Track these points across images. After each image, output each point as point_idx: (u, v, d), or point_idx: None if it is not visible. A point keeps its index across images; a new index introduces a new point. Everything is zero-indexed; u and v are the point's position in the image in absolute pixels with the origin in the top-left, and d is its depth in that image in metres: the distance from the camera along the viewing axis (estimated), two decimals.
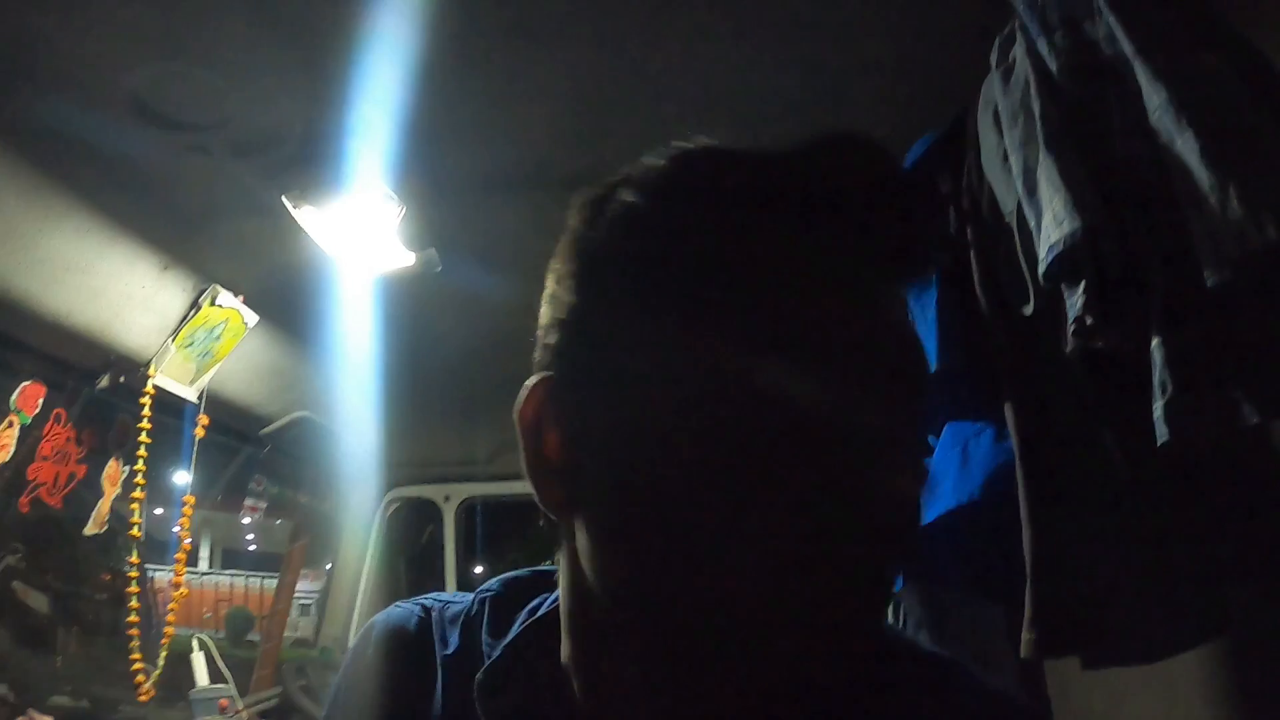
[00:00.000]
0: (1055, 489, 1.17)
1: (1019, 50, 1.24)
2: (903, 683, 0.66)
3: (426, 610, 0.79)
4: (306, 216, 1.97)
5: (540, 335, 0.67)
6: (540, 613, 0.73)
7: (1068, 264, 1.07)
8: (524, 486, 0.64)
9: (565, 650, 0.68)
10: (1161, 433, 1.00)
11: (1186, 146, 1.00)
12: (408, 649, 0.77)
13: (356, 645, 0.81)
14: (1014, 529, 1.19)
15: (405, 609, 0.80)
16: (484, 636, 0.73)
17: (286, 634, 3.82)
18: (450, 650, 0.75)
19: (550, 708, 0.67)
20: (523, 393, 0.65)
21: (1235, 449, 1.10)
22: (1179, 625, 1.15)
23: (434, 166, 1.93)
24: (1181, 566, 1.11)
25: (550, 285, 0.66)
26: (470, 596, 0.79)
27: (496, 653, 0.70)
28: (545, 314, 0.67)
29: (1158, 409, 1.01)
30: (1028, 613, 1.15)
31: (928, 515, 1.32)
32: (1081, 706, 1.71)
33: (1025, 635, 1.15)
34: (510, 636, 0.71)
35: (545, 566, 0.78)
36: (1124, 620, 1.14)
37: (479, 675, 0.68)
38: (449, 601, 0.80)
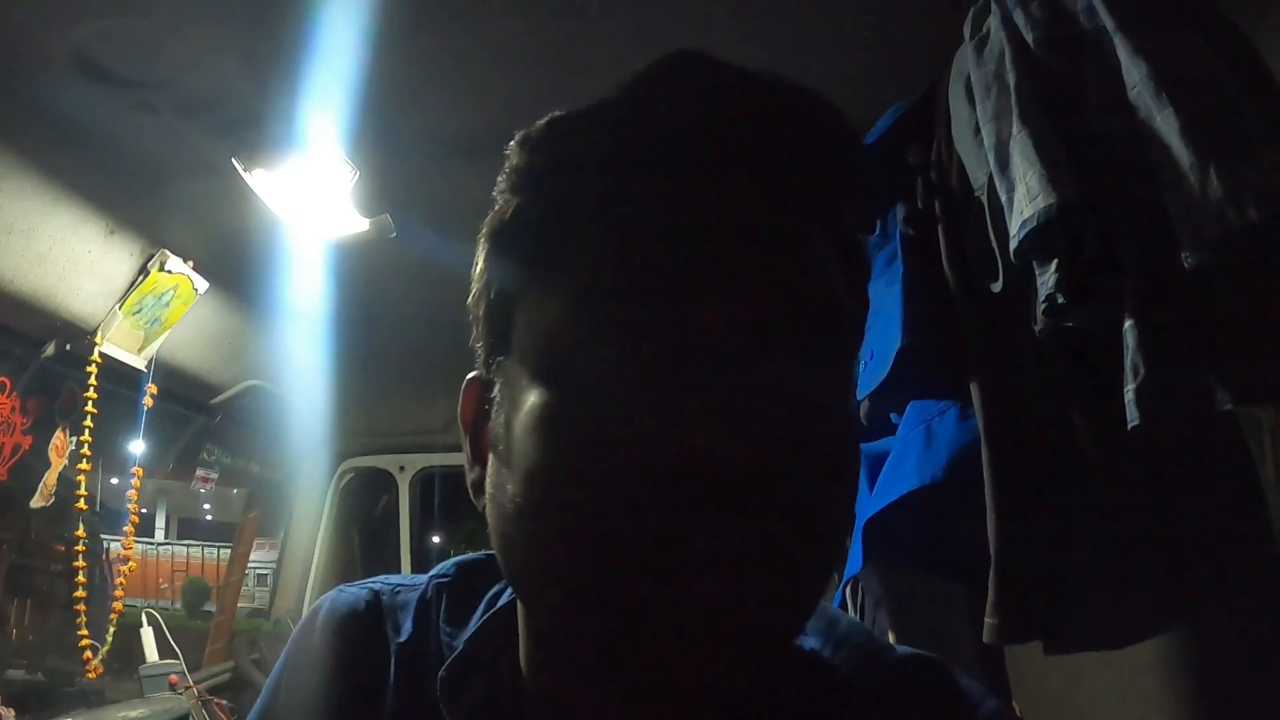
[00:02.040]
0: (1021, 471, 1.14)
1: (994, 21, 1.21)
2: (869, 692, 0.63)
3: (376, 594, 0.75)
4: (258, 180, 1.91)
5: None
6: (500, 603, 0.70)
7: (1040, 241, 1.04)
8: None
9: (521, 644, 0.65)
10: (1132, 416, 0.98)
11: (1166, 123, 0.97)
12: (358, 634, 0.73)
13: (301, 628, 0.76)
14: (978, 511, 1.17)
15: (353, 592, 0.76)
16: (442, 625, 0.70)
17: (244, 604, 3.79)
18: (404, 638, 0.71)
19: (514, 703, 0.63)
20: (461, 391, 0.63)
21: (1204, 435, 1.08)
22: (1142, 612, 1.14)
23: (389, 129, 1.88)
24: (1145, 553, 1.10)
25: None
26: (421, 580, 0.76)
27: (459, 646, 0.66)
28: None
29: (1129, 392, 0.98)
30: (990, 597, 1.14)
31: (890, 494, 1.30)
32: (1038, 687, 1.71)
33: (988, 620, 1.13)
34: (471, 629, 0.68)
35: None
36: (1087, 606, 1.13)
37: (442, 672, 0.64)
38: (399, 585, 0.76)
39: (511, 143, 0.59)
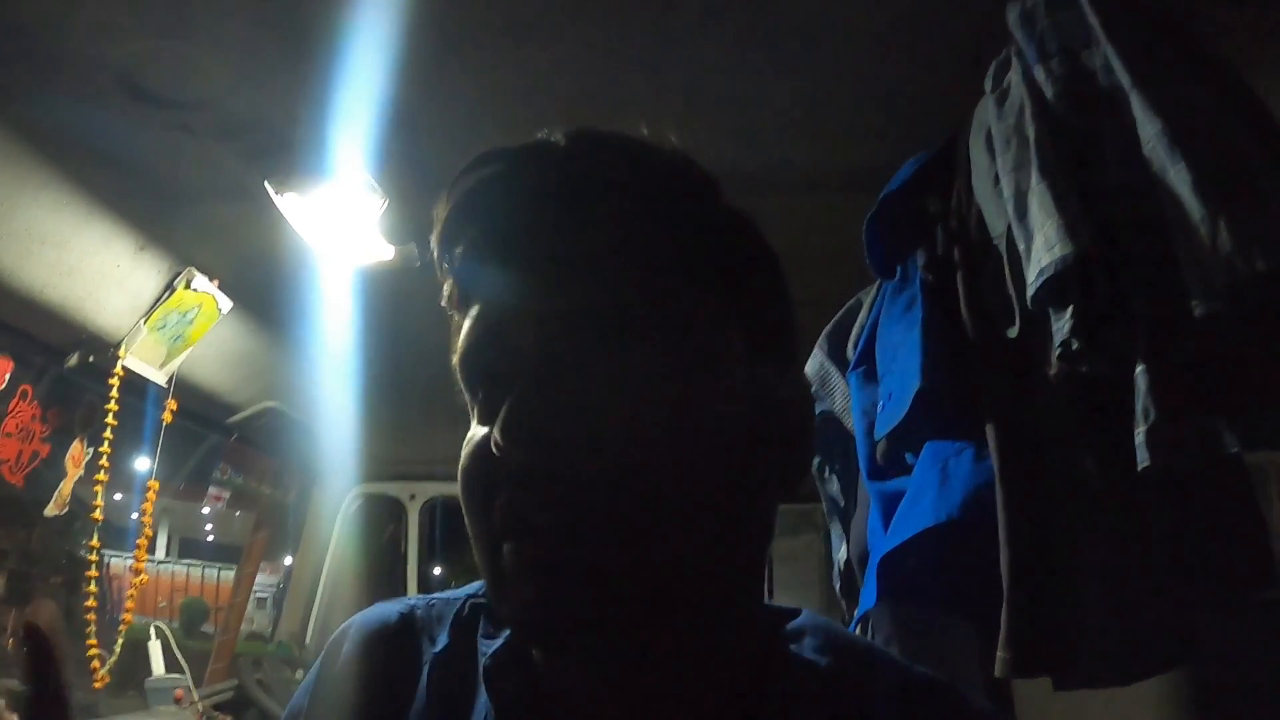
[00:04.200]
0: (1034, 510, 1.17)
1: (1014, 76, 1.26)
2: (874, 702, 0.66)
3: (411, 608, 0.79)
4: (288, 203, 1.95)
5: None
6: None
7: (1056, 288, 1.08)
8: None
9: None
10: (1142, 458, 1.01)
11: (1179, 177, 1.01)
12: (387, 645, 0.76)
13: (332, 643, 0.80)
14: (991, 549, 1.19)
15: (385, 607, 0.80)
16: (480, 639, 0.73)
17: (241, 627, 3.78)
18: (440, 648, 0.75)
19: (547, 688, 0.67)
20: None
21: (1212, 477, 1.11)
22: (1150, 649, 1.16)
23: (418, 160, 1.91)
24: (1155, 591, 1.12)
25: None
26: (458, 596, 0.79)
27: (499, 643, 0.70)
28: None
29: (1139, 434, 1.02)
30: (1003, 632, 1.16)
31: (905, 532, 1.33)
32: None
33: (1000, 654, 1.16)
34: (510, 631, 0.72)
35: None
36: (1097, 642, 1.15)
37: (486, 660, 0.69)
38: (435, 600, 0.80)
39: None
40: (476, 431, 0.63)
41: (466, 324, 0.65)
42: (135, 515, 2.59)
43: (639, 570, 0.57)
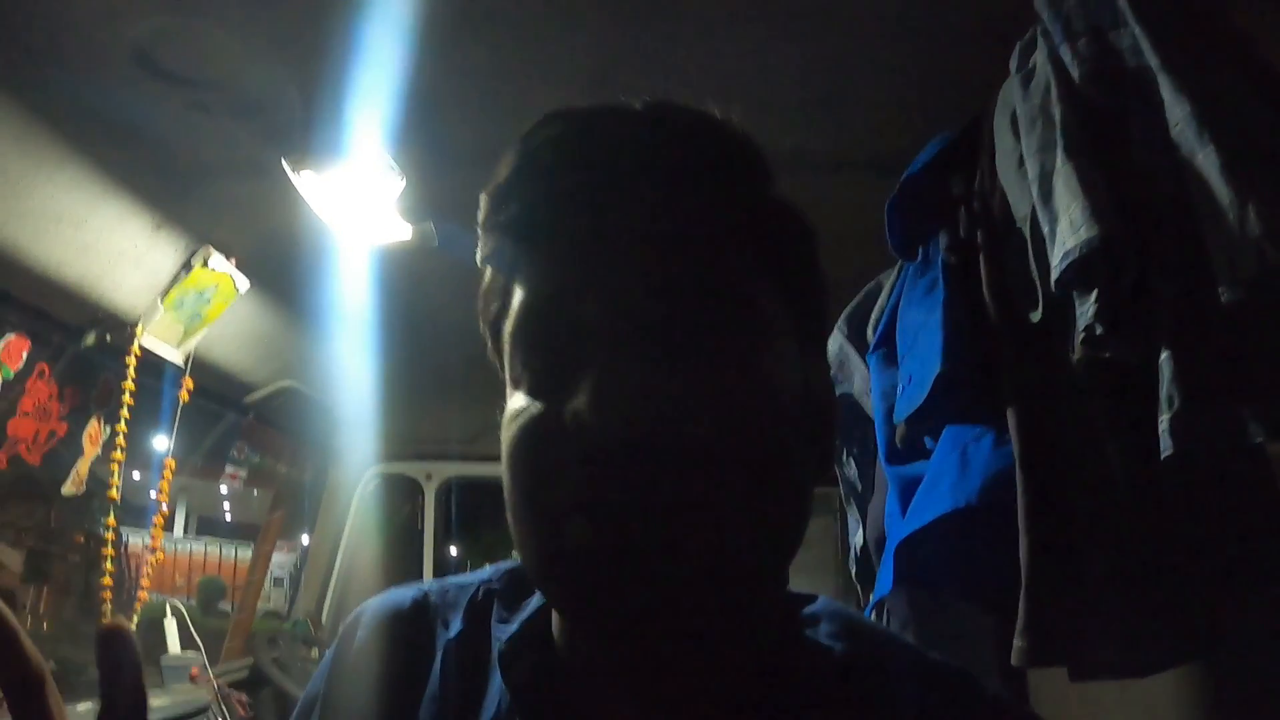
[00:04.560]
0: (1054, 496, 1.16)
1: (1040, 56, 1.24)
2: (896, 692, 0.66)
3: (425, 594, 0.79)
4: (305, 181, 1.95)
5: None
6: None
7: (1081, 272, 1.06)
8: None
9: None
10: (1166, 445, 1.00)
11: (1207, 161, 0.99)
12: (402, 629, 0.76)
13: (346, 629, 0.80)
14: (1009, 536, 1.18)
15: (400, 592, 0.80)
16: (494, 624, 0.74)
17: (258, 605, 3.81)
18: (453, 634, 0.74)
19: (562, 674, 0.67)
20: None
21: (1236, 467, 1.09)
22: (1168, 641, 1.15)
23: (436, 139, 1.91)
24: (1175, 583, 1.11)
25: None
26: (472, 581, 0.79)
27: (514, 628, 0.71)
28: None
29: (1163, 421, 1.00)
30: (1020, 620, 1.15)
31: (923, 517, 1.31)
32: (1058, 716, 1.71)
33: (1016, 643, 1.15)
34: (527, 613, 0.72)
35: None
36: (1115, 633, 1.14)
37: (501, 646, 0.69)
38: (450, 586, 0.80)
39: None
40: (528, 404, 0.61)
41: (523, 291, 0.62)
42: (154, 493, 2.59)
43: (713, 553, 0.55)
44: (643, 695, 0.63)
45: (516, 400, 0.62)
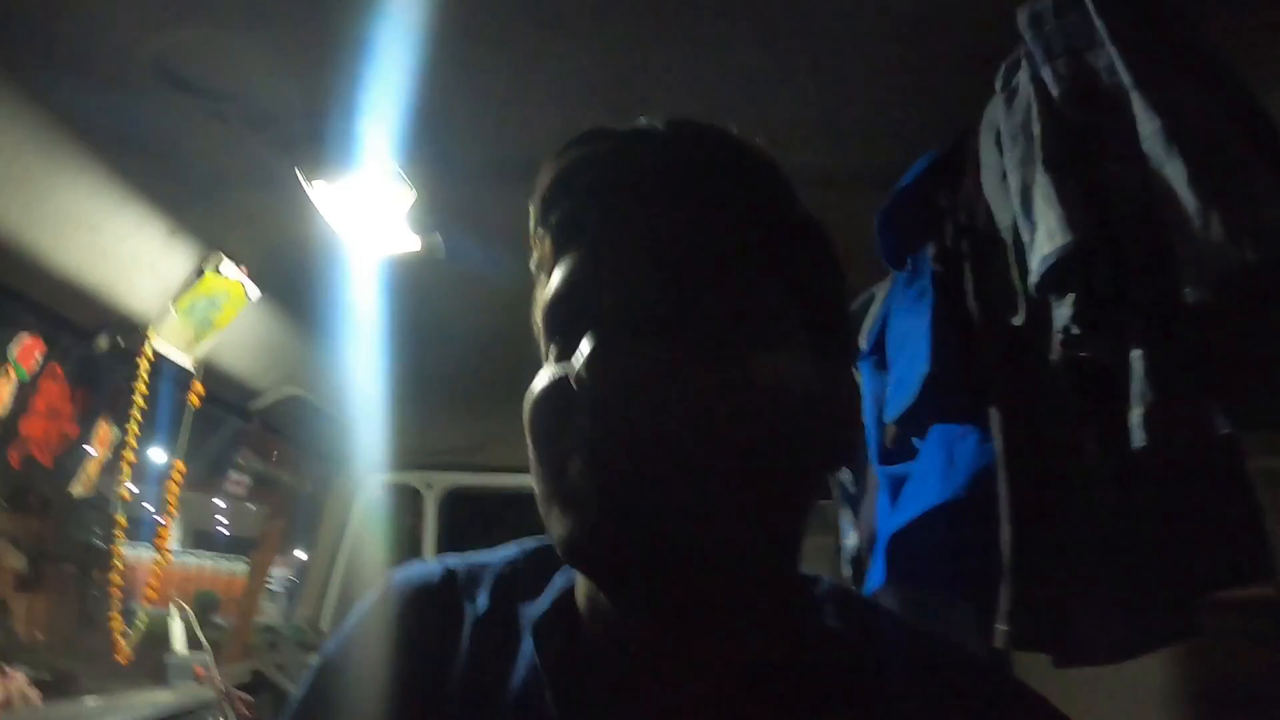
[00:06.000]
0: (1034, 488, 1.22)
1: (1023, 76, 1.30)
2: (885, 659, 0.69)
3: (451, 570, 0.80)
4: (318, 191, 1.99)
5: None
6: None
7: (1058, 276, 1.13)
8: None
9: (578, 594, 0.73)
10: (1138, 438, 1.06)
11: (1175, 172, 1.07)
12: (432, 604, 0.77)
13: (369, 600, 0.80)
14: (993, 529, 1.25)
15: (427, 566, 0.81)
16: (520, 603, 0.75)
17: (255, 618, 3.81)
18: (481, 612, 0.76)
19: (592, 646, 0.70)
20: None
21: (1208, 459, 1.16)
22: (1147, 627, 1.21)
23: (446, 151, 1.95)
24: (1153, 570, 1.17)
25: None
26: (495, 559, 0.81)
27: (547, 604, 0.73)
28: None
29: (1135, 415, 1.07)
30: (1003, 606, 1.21)
31: (913, 510, 1.38)
32: None
33: (999, 627, 1.20)
34: (556, 592, 0.74)
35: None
36: (1095, 619, 1.20)
37: (536, 621, 0.71)
38: (473, 563, 0.81)
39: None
40: (552, 369, 0.67)
41: (555, 278, 0.69)
42: (149, 506, 2.60)
43: (698, 508, 0.60)
44: (666, 672, 0.66)
45: (545, 369, 0.68)
